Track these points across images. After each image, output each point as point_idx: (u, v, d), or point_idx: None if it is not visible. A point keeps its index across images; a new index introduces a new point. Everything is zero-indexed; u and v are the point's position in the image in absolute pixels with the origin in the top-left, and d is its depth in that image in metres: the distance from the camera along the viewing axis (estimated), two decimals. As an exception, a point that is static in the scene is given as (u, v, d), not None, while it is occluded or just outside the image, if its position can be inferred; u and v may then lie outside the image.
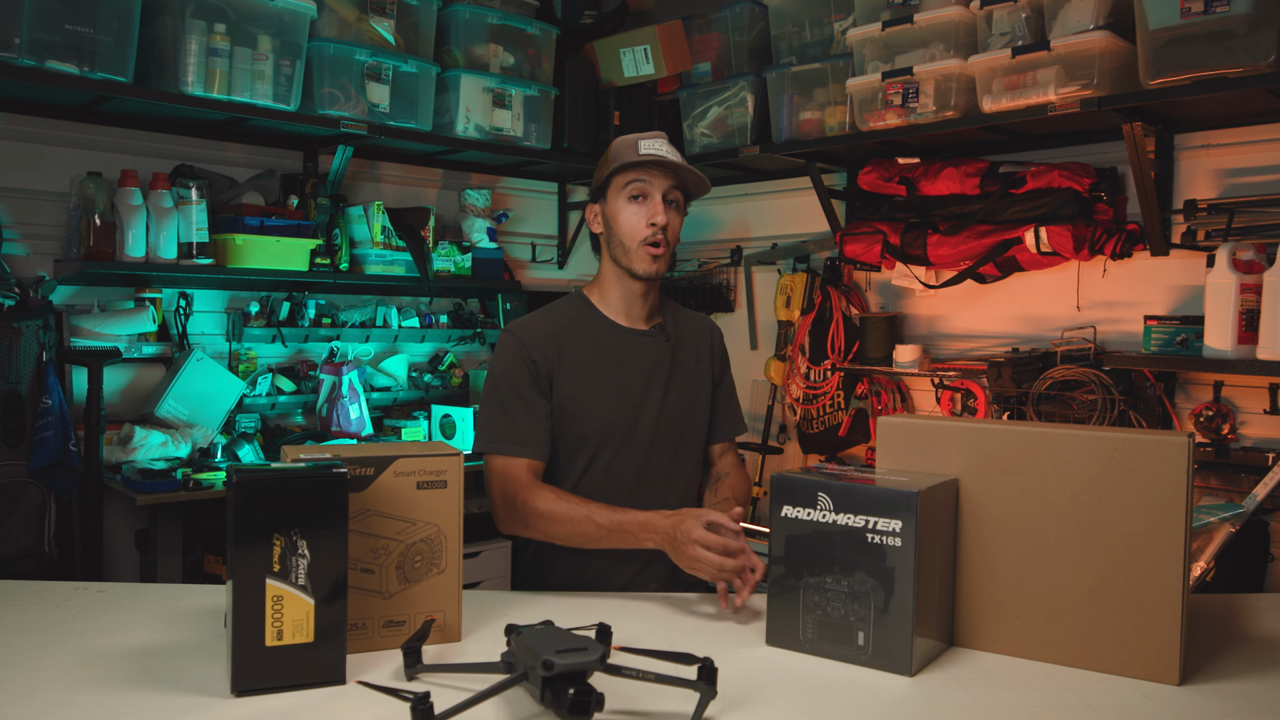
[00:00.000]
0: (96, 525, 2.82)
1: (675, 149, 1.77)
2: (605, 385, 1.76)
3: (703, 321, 1.96)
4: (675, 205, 1.76)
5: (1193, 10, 2.32)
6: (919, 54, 2.93)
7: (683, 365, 1.85)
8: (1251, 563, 2.43)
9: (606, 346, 1.78)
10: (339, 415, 3.41)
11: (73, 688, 1.15)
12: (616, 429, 1.76)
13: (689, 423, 1.85)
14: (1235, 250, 2.48)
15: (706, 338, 1.93)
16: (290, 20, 2.99)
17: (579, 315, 1.81)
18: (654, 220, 1.71)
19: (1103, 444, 1.27)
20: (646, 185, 1.73)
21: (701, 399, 1.88)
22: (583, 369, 1.75)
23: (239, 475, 1.12)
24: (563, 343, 1.76)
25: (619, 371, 1.77)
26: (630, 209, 1.74)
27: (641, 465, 1.78)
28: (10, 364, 2.57)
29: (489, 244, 3.85)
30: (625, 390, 1.77)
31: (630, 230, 1.73)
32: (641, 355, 1.80)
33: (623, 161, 1.72)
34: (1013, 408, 2.86)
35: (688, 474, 1.87)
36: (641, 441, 1.78)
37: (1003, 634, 1.34)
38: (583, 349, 1.77)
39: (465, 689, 1.11)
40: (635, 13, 4.05)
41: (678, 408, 1.83)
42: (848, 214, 3.53)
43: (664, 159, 1.72)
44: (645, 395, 1.79)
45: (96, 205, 2.85)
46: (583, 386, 1.75)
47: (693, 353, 1.88)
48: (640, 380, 1.79)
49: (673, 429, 1.82)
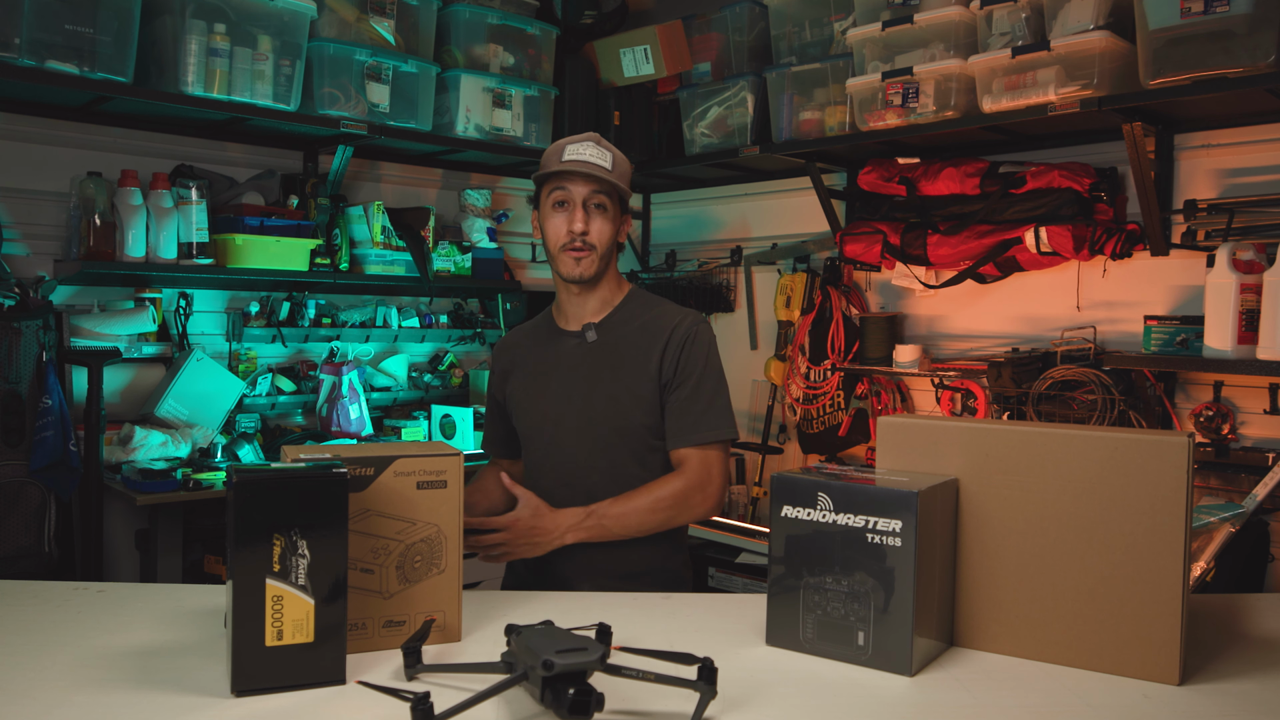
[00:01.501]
0: (96, 525, 2.82)
1: (606, 150, 1.78)
2: (533, 386, 1.88)
3: (667, 319, 1.82)
4: (601, 209, 1.78)
5: (1193, 10, 2.32)
6: (919, 54, 2.93)
7: (617, 366, 1.80)
8: (1251, 563, 2.43)
9: (540, 349, 1.90)
10: (339, 415, 3.41)
11: (73, 688, 1.15)
12: (540, 427, 1.85)
13: (618, 425, 1.78)
14: (1235, 250, 2.48)
15: (661, 337, 1.79)
16: (290, 20, 2.99)
17: (543, 321, 1.95)
18: (572, 227, 1.77)
19: (1103, 444, 1.27)
20: (566, 193, 1.77)
21: (636, 401, 1.78)
22: (523, 373, 1.90)
23: (239, 475, 1.12)
24: (518, 349, 1.94)
25: (545, 372, 1.87)
26: (554, 216, 1.80)
27: (573, 464, 1.81)
28: (10, 364, 2.57)
29: (489, 244, 3.85)
30: (546, 391, 1.85)
31: (553, 237, 1.80)
32: (566, 356, 1.86)
33: (545, 170, 1.78)
34: (1013, 408, 2.86)
35: (638, 476, 1.78)
36: (566, 442, 1.81)
37: (1003, 634, 1.34)
38: (528, 353, 1.92)
39: (465, 689, 1.11)
40: (635, 13, 4.05)
41: (602, 409, 1.79)
42: (848, 214, 3.53)
43: (583, 166, 1.73)
44: (567, 395, 1.82)
45: (96, 205, 2.85)
46: (519, 389, 1.89)
47: (635, 354, 1.80)
48: (560, 381, 1.84)
49: (600, 430, 1.79)
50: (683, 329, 1.80)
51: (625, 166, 1.82)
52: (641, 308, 1.87)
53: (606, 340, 1.84)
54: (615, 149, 1.81)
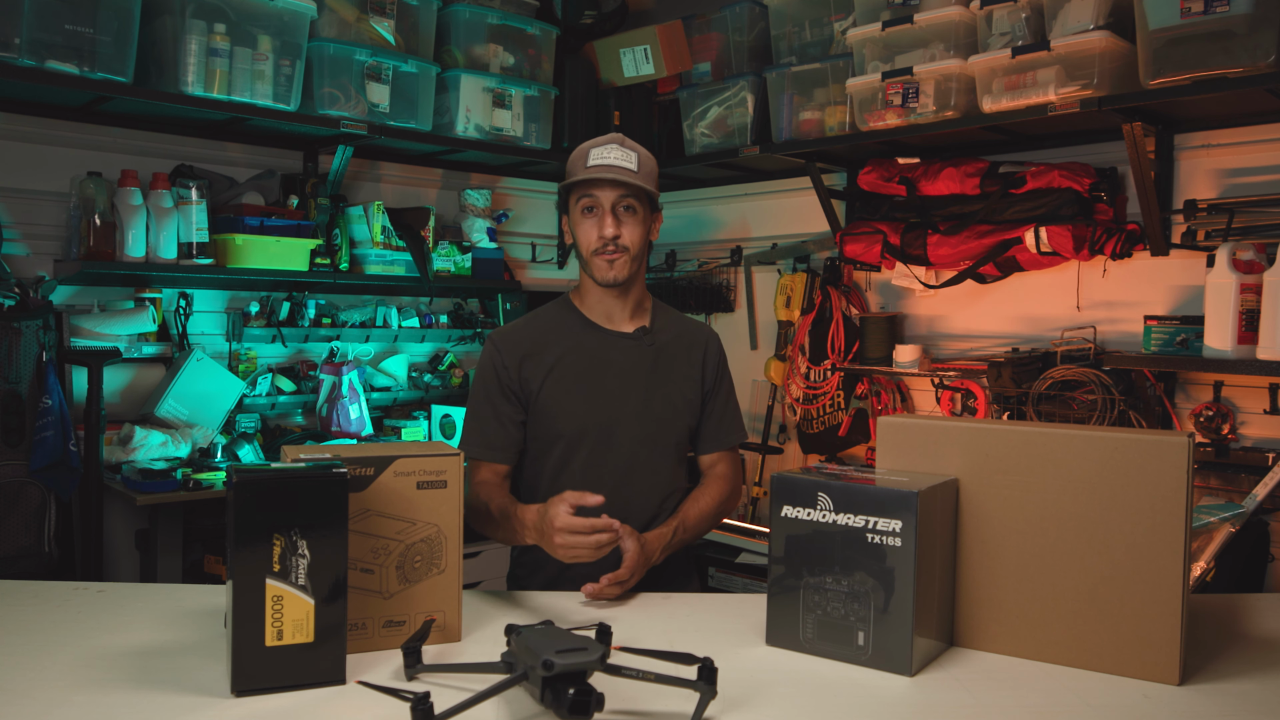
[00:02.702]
0: (96, 525, 2.82)
1: (631, 151, 1.77)
2: (582, 386, 1.81)
3: (699, 330, 1.95)
4: (631, 210, 1.77)
5: (1193, 10, 2.32)
6: (919, 54, 2.93)
7: (668, 370, 1.85)
8: (1251, 563, 2.43)
9: (587, 349, 1.83)
10: (339, 415, 3.41)
11: (73, 688, 1.15)
12: (592, 430, 1.80)
13: (672, 428, 1.85)
14: (1235, 250, 2.48)
15: (701, 346, 1.91)
16: (290, 20, 2.99)
17: (562, 319, 1.87)
18: (603, 233, 1.76)
19: (1103, 444, 1.27)
20: (594, 199, 1.77)
21: (686, 406, 1.87)
22: (560, 371, 1.81)
23: (239, 475, 1.12)
24: (540, 347, 1.83)
25: (598, 373, 1.82)
26: (584, 222, 1.79)
27: (620, 467, 1.79)
28: (10, 364, 2.57)
29: (489, 244, 3.85)
30: (603, 392, 1.81)
31: (585, 242, 1.79)
32: (622, 358, 1.83)
33: (572, 178, 1.78)
34: (1013, 408, 2.86)
35: (671, 480, 1.86)
36: (620, 443, 1.80)
37: (1003, 634, 1.34)
38: (563, 351, 1.82)
39: (465, 689, 1.11)
40: (635, 13, 4.05)
41: (659, 412, 1.83)
42: (848, 214, 3.53)
43: (608, 172, 1.73)
44: (624, 397, 1.81)
45: (96, 205, 2.85)
46: (559, 388, 1.80)
47: (682, 359, 1.88)
48: (619, 382, 1.82)
49: (653, 433, 1.82)
50: (716, 341, 1.95)
51: (651, 165, 1.82)
52: (668, 315, 1.94)
53: (659, 345, 1.86)
54: (640, 147, 1.80)
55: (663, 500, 1.84)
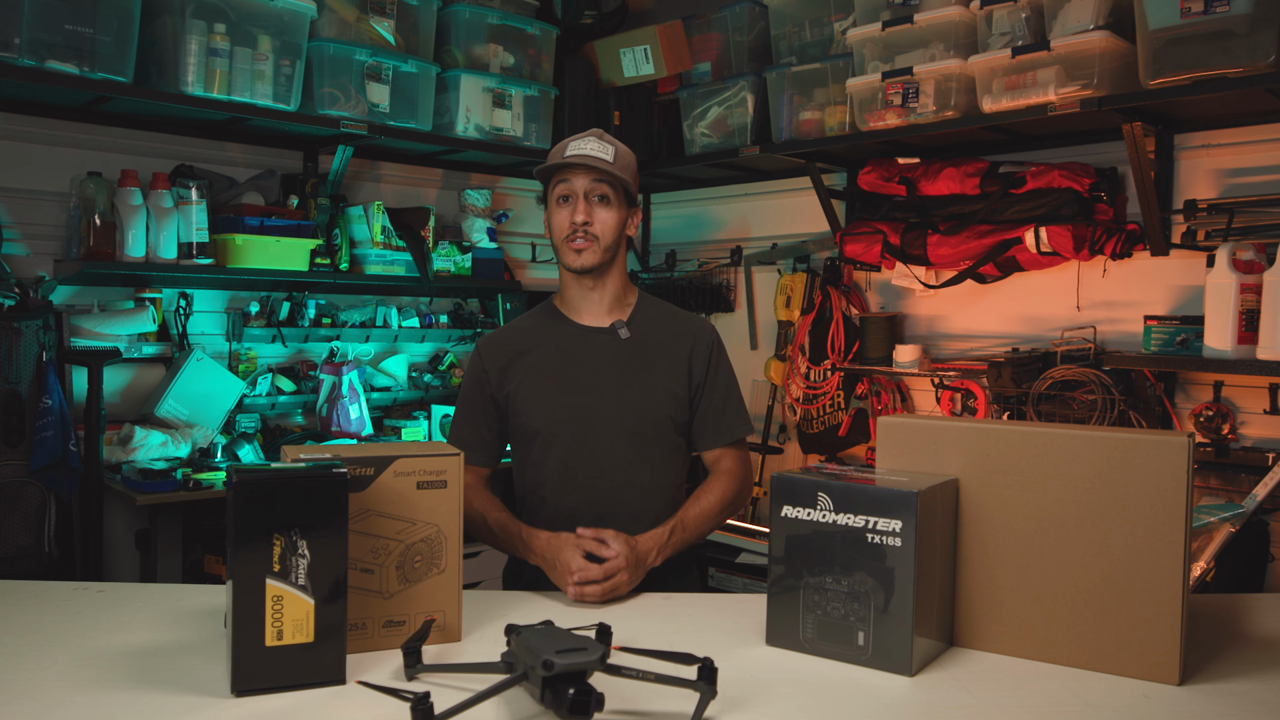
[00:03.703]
0: (96, 525, 2.82)
1: (609, 144, 1.80)
2: (555, 381, 1.83)
3: (689, 322, 1.92)
4: (604, 200, 1.79)
5: (1193, 10, 2.32)
6: (919, 54, 2.93)
7: (648, 363, 1.84)
8: (1251, 563, 2.43)
9: (560, 344, 1.85)
10: (339, 415, 3.41)
11: (73, 688, 1.15)
12: (565, 423, 1.81)
13: (654, 422, 1.82)
14: (1235, 250, 2.48)
15: (689, 338, 1.87)
16: (290, 20, 2.99)
17: (543, 319, 1.91)
18: (574, 219, 1.78)
19: (1103, 444, 1.27)
20: (569, 185, 1.79)
21: (671, 399, 1.83)
22: (537, 367, 1.84)
23: (239, 475, 1.12)
24: (520, 347, 1.86)
25: (570, 367, 1.83)
26: (559, 211, 1.81)
27: (600, 461, 1.79)
28: (10, 364, 2.57)
29: (489, 244, 3.85)
30: (575, 386, 1.82)
31: (557, 229, 1.82)
32: (596, 352, 1.83)
33: (548, 165, 1.81)
34: (1013, 408, 2.86)
35: (659, 477, 1.83)
36: (598, 438, 1.80)
37: (1003, 634, 1.34)
38: (539, 349, 1.86)
39: (465, 689, 1.11)
40: (635, 13, 4.05)
41: (639, 406, 1.81)
42: (848, 214, 3.53)
43: (583, 159, 1.75)
44: (598, 391, 1.81)
45: (96, 205, 2.85)
46: (532, 384, 1.83)
47: (666, 352, 1.85)
48: (592, 376, 1.82)
49: (634, 426, 1.81)
50: (707, 333, 1.91)
51: (629, 159, 1.83)
52: (657, 309, 1.93)
53: (638, 338, 1.86)
54: (619, 143, 1.82)
55: (648, 497, 1.81)
